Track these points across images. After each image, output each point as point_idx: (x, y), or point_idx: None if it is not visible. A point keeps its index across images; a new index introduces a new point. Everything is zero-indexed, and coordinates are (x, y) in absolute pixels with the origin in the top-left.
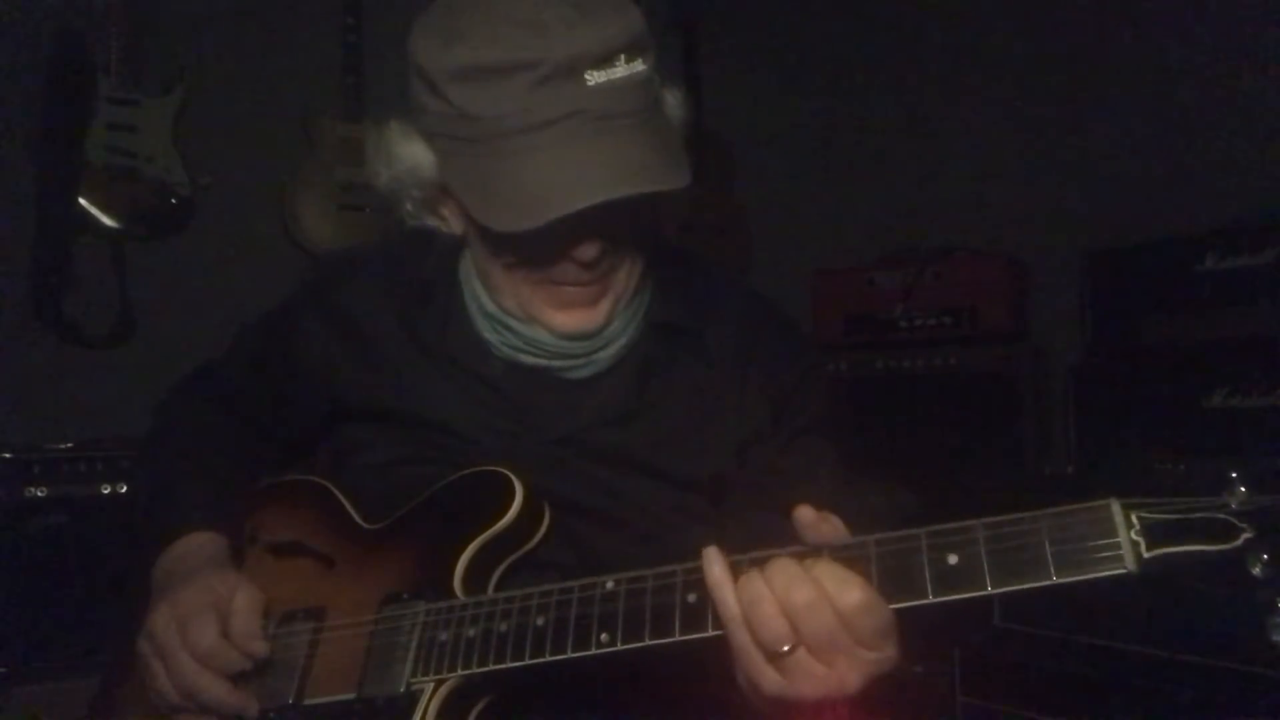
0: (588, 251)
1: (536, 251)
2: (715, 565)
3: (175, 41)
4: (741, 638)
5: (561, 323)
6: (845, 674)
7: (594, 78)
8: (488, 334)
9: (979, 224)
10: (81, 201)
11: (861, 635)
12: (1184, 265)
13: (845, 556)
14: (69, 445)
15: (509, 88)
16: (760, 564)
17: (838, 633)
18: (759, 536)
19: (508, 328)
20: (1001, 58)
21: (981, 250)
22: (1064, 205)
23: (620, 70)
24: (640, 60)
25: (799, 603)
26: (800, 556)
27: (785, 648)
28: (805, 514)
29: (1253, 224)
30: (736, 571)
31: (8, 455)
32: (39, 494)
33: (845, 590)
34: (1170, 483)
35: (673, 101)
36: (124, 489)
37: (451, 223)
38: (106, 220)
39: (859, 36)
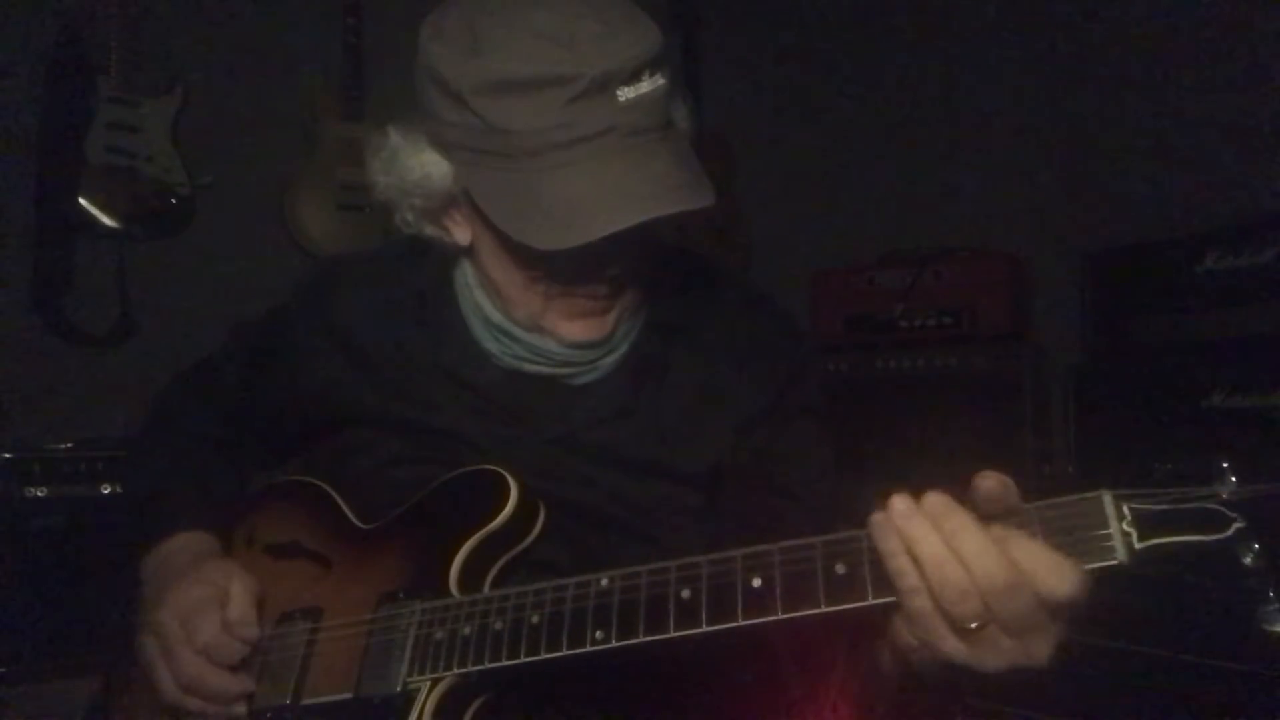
0: (616, 267)
1: (568, 267)
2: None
3: (175, 41)
4: (921, 604)
5: (571, 332)
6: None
7: (625, 94)
8: (489, 344)
9: (979, 224)
10: (81, 201)
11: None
12: (1184, 265)
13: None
14: (69, 445)
15: (542, 102)
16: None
17: (1035, 611)
18: (756, 521)
19: (513, 338)
20: (1001, 57)
21: (981, 250)
22: (1064, 205)
23: (646, 86)
24: (660, 75)
25: (1000, 585)
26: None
27: (974, 625)
28: (988, 481)
29: (1253, 224)
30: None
31: (8, 455)
32: (39, 494)
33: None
34: (1167, 481)
35: (683, 113)
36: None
37: (455, 233)
38: (106, 220)
39: (859, 37)
